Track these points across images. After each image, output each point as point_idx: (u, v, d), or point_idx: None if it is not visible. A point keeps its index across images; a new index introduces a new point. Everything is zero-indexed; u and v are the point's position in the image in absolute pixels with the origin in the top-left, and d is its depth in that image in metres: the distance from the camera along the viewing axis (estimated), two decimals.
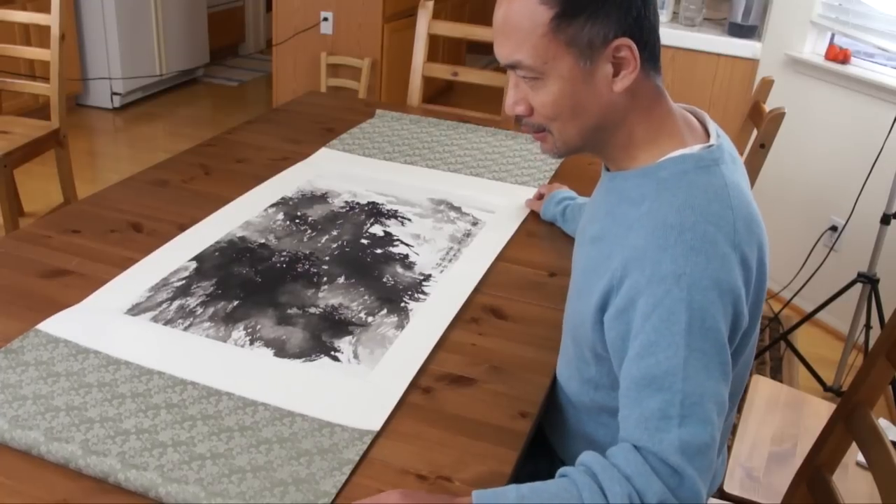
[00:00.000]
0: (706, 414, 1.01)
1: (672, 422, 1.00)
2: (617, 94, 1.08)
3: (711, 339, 1.02)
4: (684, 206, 1.04)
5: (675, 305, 1.01)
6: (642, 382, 1.03)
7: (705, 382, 1.01)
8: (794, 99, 3.17)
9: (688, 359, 1.00)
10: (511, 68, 1.10)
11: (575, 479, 1.02)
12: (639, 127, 1.12)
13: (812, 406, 1.96)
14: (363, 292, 1.56)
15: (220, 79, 6.04)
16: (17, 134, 3.18)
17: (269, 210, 1.87)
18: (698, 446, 1.00)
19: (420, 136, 2.41)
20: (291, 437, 1.17)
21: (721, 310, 1.02)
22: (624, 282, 1.07)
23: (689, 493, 1.00)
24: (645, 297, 1.03)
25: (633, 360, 1.05)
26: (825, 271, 3.09)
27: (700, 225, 1.03)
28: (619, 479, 1.00)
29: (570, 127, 1.11)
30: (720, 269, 1.02)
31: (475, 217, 1.91)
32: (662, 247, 1.03)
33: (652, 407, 1.01)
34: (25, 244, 1.66)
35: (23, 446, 1.11)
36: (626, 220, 1.11)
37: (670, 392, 1.00)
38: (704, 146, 1.12)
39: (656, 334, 1.02)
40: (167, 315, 1.45)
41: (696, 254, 1.01)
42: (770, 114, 1.90)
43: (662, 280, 1.02)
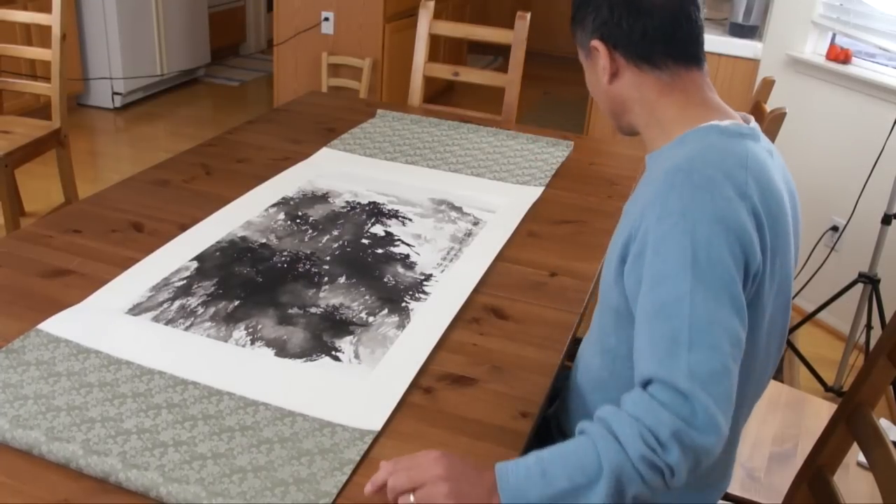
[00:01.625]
0: (715, 341, 1.01)
1: (681, 347, 1.01)
2: (616, 87, 1.24)
3: (719, 271, 1.04)
4: (695, 155, 1.11)
5: (680, 238, 1.05)
6: (652, 313, 1.05)
7: (713, 310, 1.02)
8: (796, 99, 3.17)
9: (694, 287, 1.03)
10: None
11: (590, 431, 1.04)
12: (670, 108, 1.22)
13: (813, 406, 1.96)
14: (364, 292, 1.56)
15: (221, 79, 6.04)
16: (18, 134, 3.18)
17: (270, 210, 1.87)
18: (709, 372, 1.00)
19: (421, 136, 2.41)
20: (292, 437, 1.17)
21: (726, 244, 1.04)
22: (640, 229, 1.12)
23: (703, 421, 0.99)
24: (654, 233, 1.08)
25: (644, 294, 1.08)
26: (826, 271, 3.09)
27: (708, 169, 1.09)
28: (630, 421, 1.00)
29: (602, 107, 1.30)
30: (725, 208, 1.06)
31: (476, 217, 1.91)
32: (670, 186, 1.09)
33: (661, 333, 1.03)
34: (26, 244, 1.66)
35: (24, 446, 1.11)
36: (654, 180, 1.16)
37: (678, 318, 1.02)
38: (736, 122, 1.19)
39: (664, 265, 1.06)
40: (168, 315, 1.45)
41: (702, 192, 1.07)
42: (771, 114, 1.90)
43: (669, 215, 1.07)
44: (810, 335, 3.17)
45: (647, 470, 0.99)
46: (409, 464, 1.04)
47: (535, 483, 1.01)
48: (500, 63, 6.47)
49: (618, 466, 0.99)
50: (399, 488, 1.02)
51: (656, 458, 0.99)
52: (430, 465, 1.03)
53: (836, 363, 2.92)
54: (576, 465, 1.01)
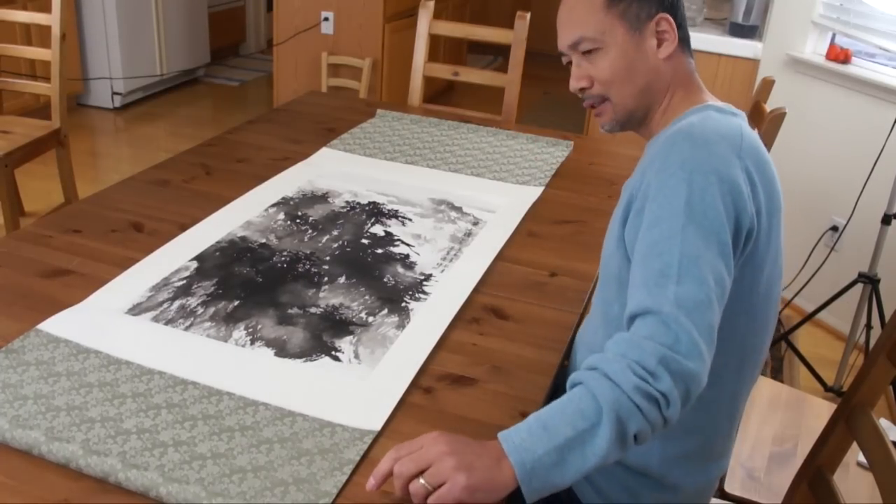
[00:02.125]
0: (701, 275, 1.07)
1: (669, 280, 1.07)
2: (662, 61, 1.28)
3: (710, 216, 1.10)
4: (694, 123, 1.19)
5: (677, 185, 1.12)
6: (646, 251, 1.12)
7: (702, 249, 1.09)
8: (795, 99, 3.17)
9: (685, 226, 1.09)
10: (574, 48, 1.29)
11: (582, 379, 1.06)
12: (677, 94, 1.31)
13: (813, 406, 1.96)
14: (364, 292, 1.56)
15: (221, 79, 6.04)
16: (17, 134, 3.18)
17: (269, 210, 1.87)
18: (694, 302, 1.05)
19: (421, 136, 2.41)
20: (292, 437, 1.17)
21: (719, 194, 1.11)
22: (640, 188, 1.19)
23: (686, 347, 1.03)
24: (654, 185, 1.16)
25: (642, 238, 1.14)
26: (826, 271, 3.09)
27: (707, 132, 1.17)
28: (616, 358, 1.04)
29: (626, 89, 1.28)
30: (721, 164, 1.13)
31: (476, 217, 1.91)
32: (671, 144, 1.17)
33: (653, 268, 1.09)
34: (26, 244, 1.66)
35: (23, 446, 1.11)
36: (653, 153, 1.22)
37: (669, 255, 1.09)
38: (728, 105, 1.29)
39: (660, 209, 1.13)
40: (168, 315, 1.45)
41: (700, 149, 1.14)
42: (771, 114, 1.90)
43: (667, 167, 1.15)
44: (810, 335, 3.17)
45: (642, 401, 1.01)
46: (411, 448, 1.05)
47: (539, 437, 1.02)
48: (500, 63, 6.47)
49: (615, 402, 1.01)
50: (406, 474, 1.02)
51: (649, 386, 1.02)
52: (431, 444, 1.04)
53: (835, 363, 2.92)
54: (575, 412, 1.03)
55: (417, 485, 1.02)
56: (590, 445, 1.01)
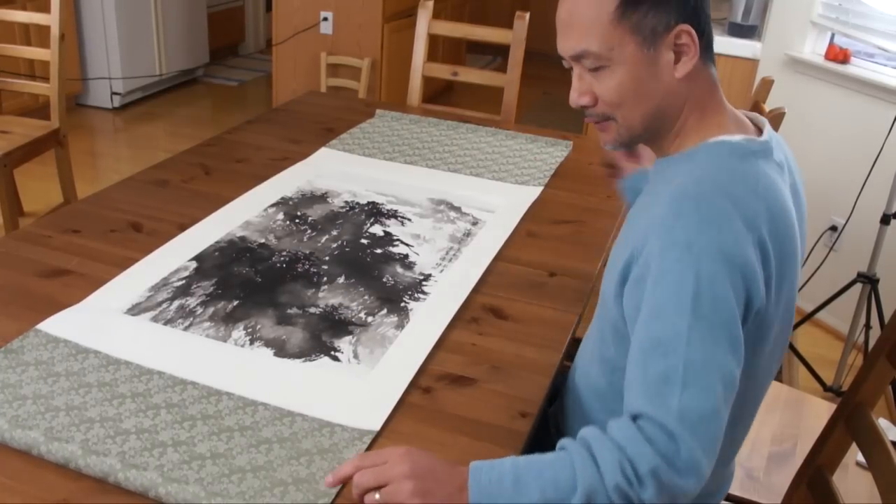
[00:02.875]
0: (709, 383, 1.00)
1: (674, 387, 0.99)
2: (678, 79, 1.13)
3: (719, 309, 1.01)
4: (704, 179, 1.08)
5: (684, 272, 1.02)
6: (648, 346, 1.03)
7: (711, 351, 1.00)
8: (794, 99, 3.17)
9: (693, 326, 1.00)
10: (576, 59, 1.15)
11: (570, 449, 1.02)
12: (692, 115, 1.17)
13: (812, 406, 1.96)
14: (363, 292, 1.56)
15: (220, 79, 6.04)
16: (16, 134, 3.18)
17: (268, 210, 1.87)
18: (699, 415, 0.99)
19: (420, 136, 2.41)
20: (291, 437, 1.17)
21: (729, 282, 1.02)
22: (643, 251, 1.09)
23: (685, 463, 0.98)
24: (657, 262, 1.05)
25: (641, 325, 1.06)
26: (825, 271, 3.09)
27: (717, 199, 1.05)
28: (612, 447, 0.99)
29: (635, 112, 1.15)
30: (732, 244, 1.03)
31: (475, 217, 1.91)
32: (677, 214, 1.05)
33: (656, 371, 1.01)
34: (25, 244, 1.66)
35: (23, 446, 1.11)
36: (658, 197, 1.13)
37: (674, 356, 1.00)
38: (748, 137, 1.14)
39: (664, 299, 1.03)
40: (167, 315, 1.45)
41: (709, 225, 1.03)
42: (770, 114, 1.90)
43: (673, 246, 1.04)
44: (809, 335, 3.17)
45: (618, 499, 0.98)
46: (375, 460, 1.03)
47: (506, 489, 0.99)
48: (499, 63, 6.47)
49: (592, 489, 0.98)
50: (364, 486, 1.01)
51: (631, 491, 0.97)
52: (395, 462, 1.02)
53: (835, 363, 2.92)
54: (550, 480, 0.99)
55: (372, 499, 1.00)
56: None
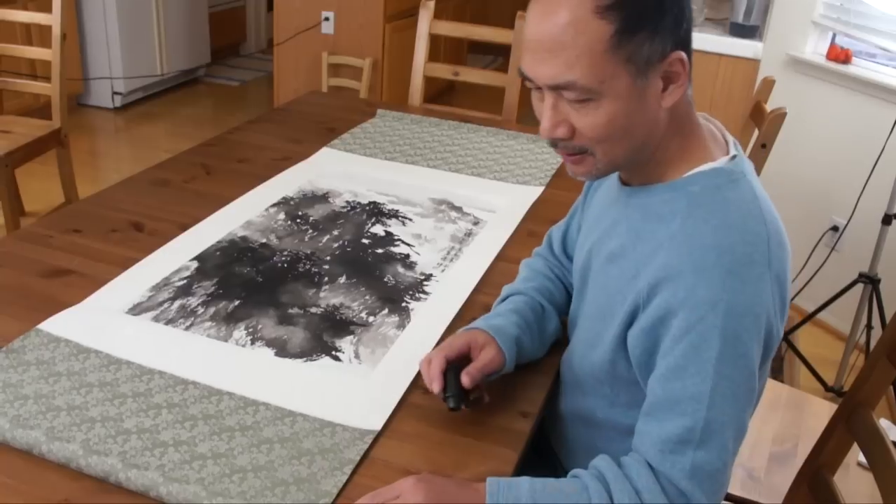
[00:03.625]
0: (724, 442, 1.00)
1: (689, 446, 1.00)
2: (663, 109, 1.04)
3: (742, 366, 1.00)
4: (721, 226, 1.02)
5: (708, 332, 0.99)
6: (666, 404, 1.02)
7: (729, 410, 1.00)
8: (796, 99, 3.17)
9: (716, 387, 0.99)
10: (556, 89, 1.02)
11: (586, 482, 1.03)
12: (673, 142, 1.09)
13: (813, 406, 1.96)
14: (364, 292, 1.56)
15: (222, 78, 6.04)
16: (18, 133, 3.18)
17: (270, 210, 1.87)
18: (710, 472, 1.00)
19: (421, 136, 2.41)
20: (292, 437, 1.17)
21: (755, 336, 1.01)
22: (653, 300, 1.04)
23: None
24: (678, 318, 1.01)
25: (659, 380, 1.04)
26: (826, 271, 3.09)
27: (738, 246, 1.00)
28: (630, 491, 1.01)
29: (619, 148, 1.05)
30: (756, 294, 1.00)
31: (476, 217, 1.91)
32: (699, 269, 1.00)
33: (671, 430, 1.01)
34: (27, 244, 1.66)
35: (24, 446, 1.11)
36: (655, 237, 1.07)
37: (692, 419, 1.00)
38: (730, 158, 1.09)
39: (685, 359, 1.00)
40: (168, 315, 1.45)
41: (733, 278, 0.99)
42: (771, 114, 1.90)
43: (697, 306, 0.99)
44: (810, 335, 3.17)
45: None
46: (387, 496, 1.02)
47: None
48: (501, 63, 6.47)
49: None
50: None
51: None
52: (409, 493, 1.01)
53: (836, 363, 2.92)
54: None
55: None
56: None
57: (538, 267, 1.45)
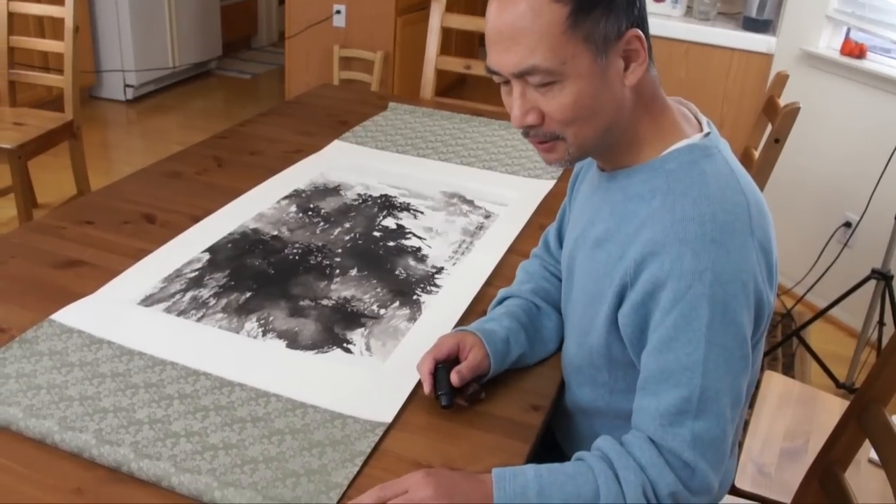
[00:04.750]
0: (721, 409, 1.03)
1: (687, 416, 1.02)
2: (627, 88, 1.07)
3: (732, 332, 1.02)
4: (700, 198, 1.03)
5: (696, 301, 1.00)
6: (660, 377, 1.04)
7: (724, 377, 1.02)
8: (809, 94, 3.15)
9: (708, 354, 1.01)
10: (520, 76, 1.04)
11: (591, 464, 1.04)
12: (643, 122, 1.11)
13: (824, 402, 1.96)
14: (375, 284, 1.56)
15: (233, 71, 6.05)
16: (31, 126, 3.19)
17: (281, 202, 1.87)
18: (710, 440, 1.03)
19: (433, 130, 2.41)
20: (303, 429, 1.17)
21: (744, 302, 1.02)
22: (640, 276, 1.05)
23: (699, 485, 1.03)
24: (665, 291, 1.02)
25: (652, 354, 1.06)
26: (839, 267, 3.07)
27: (719, 215, 1.02)
28: (634, 468, 1.03)
29: (588, 129, 1.06)
30: (741, 261, 1.02)
31: (488, 210, 1.91)
32: (682, 240, 1.01)
33: (668, 403, 1.03)
34: (39, 235, 1.67)
35: (37, 435, 1.12)
36: (637, 217, 1.09)
37: (688, 388, 1.02)
38: (703, 135, 1.12)
39: (676, 330, 1.02)
40: (180, 306, 1.45)
41: (717, 246, 1.00)
42: (785, 108, 1.89)
43: (683, 276, 1.01)
44: (822, 331, 3.16)
45: None
46: (395, 489, 1.02)
47: (530, 499, 1.01)
48: None
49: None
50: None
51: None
52: (418, 487, 1.01)
53: (847, 360, 2.91)
54: (573, 493, 1.02)
55: None
56: None
57: (533, 269, 1.48)
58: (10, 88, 3.34)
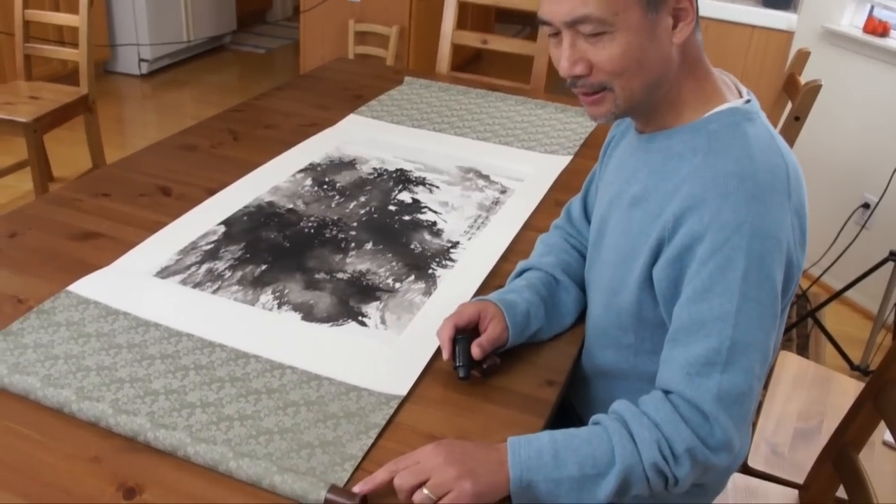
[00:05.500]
0: (750, 363, 1.03)
1: (715, 368, 1.02)
2: (675, 46, 1.09)
3: (767, 288, 1.03)
4: (742, 156, 1.05)
5: (733, 253, 1.02)
6: (692, 327, 1.05)
7: (755, 332, 1.03)
8: (830, 72, 3.12)
9: (741, 307, 1.02)
10: (572, 25, 1.06)
11: (606, 425, 1.05)
12: (686, 84, 1.13)
13: (839, 384, 1.95)
14: (391, 258, 1.56)
15: (248, 46, 6.03)
16: (46, 100, 3.20)
17: (297, 175, 1.87)
18: (736, 395, 1.02)
19: (449, 104, 2.39)
20: (318, 401, 1.17)
21: (779, 260, 1.04)
22: (678, 230, 1.07)
23: (719, 440, 1.02)
24: (704, 243, 1.04)
25: (685, 305, 1.06)
26: (856, 249, 3.05)
27: (760, 174, 1.04)
28: (649, 425, 1.03)
29: (635, 82, 1.08)
30: (778, 219, 1.04)
31: (503, 185, 1.90)
32: (723, 194, 1.03)
33: (697, 353, 1.03)
34: (56, 207, 1.67)
35: (55, 404, 1.12)
36: (677, 174, 1.11)
37: (718, 339, 1.02)
38: (744, 101, 1.14)
39: (711, 280, 1.03)
40: (196, 278, 1.45)
41: (757, 202, 1.02)
42: (806, 86, 1.88)
43: (723, 227, 1.02)
44: (837, 313, 3.14)
45: (654, 476, 1.02)
46: (407, 462, 1.02)
47: (545, 464, 1.01)
48: (528, 33, 6.41)
49: (629, 467, 1.01)
50: (407, 486, 1.00)
51: (667, 468, 1.02)
52: (430, 456, 1.01)
53: (863, 342, 2.89)
54: (588, 455, 1.02)
55: (422, 496, 0.99)
56: (588, 492, 1.02)
57: (554, 241, 1.48)
58: (25, 62, 3.34)
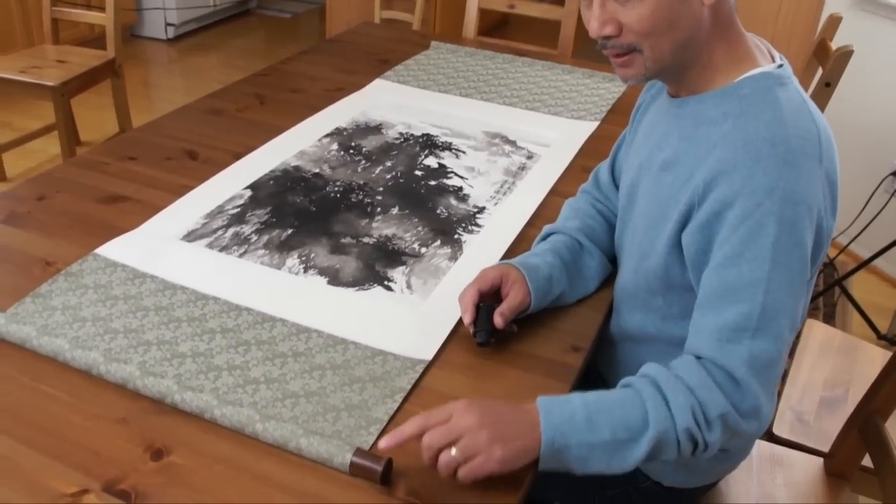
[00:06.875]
0: (779, 329, 1.02)
1: (745, 334, 1.02)
2: (706, 7, 1.07)
3: (798, 254, 1.02)
4: (774, 121, 1.04)
5: (765, 218, 1.01)
6: (722, 293, 1.04)
7: (785, 298, 1.02)
8: (862, 38, 3.05)
9: (772, 273, 1.01)
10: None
11: (639, 388, 1.04)
12: (718, 47, 1.11)
13: (866, 352, 1.93)
14: (417, 223, 1.56)
15: (274, 10, 6.01)
16: (73, 63, 3.21)
17: (323, 140, 1.87)
18: (766, 361, 1.02)
19: (475, 69, 2.38)
20: (344, 364, 1.18)
21: (809, 226, 1.03)
22: (708, 196, 1.06)
23: (749, 406, 1.02)
24: (735, 208, 1.03)
25: (715, 270, 1.06)
26: (885, 217, 3.01)
27: (792, 139, 1.02)
28: (683, 390, 1.02)
29: (665, 42, 1.08)
30: (810, 184, 1.02)
31: (530, 151, 1.88)
32: (755, 159, 1.02)
33: (727, 318, 1.03)
34: (84, 170, 1.68)
35: (83, 366, 1.14)
36: (708, 139, 1.10)
37: (749, 305, 1.02)
38: (776, 65, 1.12)
39: (742, 245, 1.02)
40: (222, 242, 1.46)
41: (789, 168, 1.01)
42: (837, 51, 1.84)
43: (754, 192, 1.01)
44: (865, 282, 3.11)
45: (686, 441, 1.02)
46: (440, 417, 1.00)
47: (578, 428, 1.00)
48: None
49: (663, 431, 1.01)
50: (436, 445, 0.98)
51: (699, 433, 1.02)
52: (462, 414, 1.00)
53: (890, 311, 2.87)
54: (621, 420, 1.01)
55: (448, 456, 0.98)
56: (619, 457, 1.01)
57: (580, 205, 1.47)
58: (53, 26, 3.35)
